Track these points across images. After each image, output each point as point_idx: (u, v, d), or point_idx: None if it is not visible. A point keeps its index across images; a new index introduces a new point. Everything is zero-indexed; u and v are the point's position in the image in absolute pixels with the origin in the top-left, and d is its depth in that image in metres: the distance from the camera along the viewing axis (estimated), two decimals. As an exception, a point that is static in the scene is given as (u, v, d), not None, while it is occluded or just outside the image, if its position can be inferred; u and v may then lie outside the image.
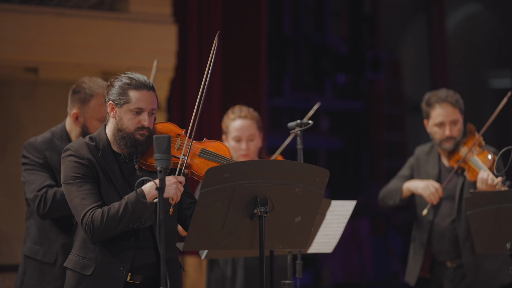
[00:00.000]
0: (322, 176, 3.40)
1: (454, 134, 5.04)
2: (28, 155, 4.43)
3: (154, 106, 3.57)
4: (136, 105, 3.53)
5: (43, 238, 4.42)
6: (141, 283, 3.53)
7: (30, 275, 4.43)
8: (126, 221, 3.40)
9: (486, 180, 4.73)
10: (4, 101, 6.89)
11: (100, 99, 4.46)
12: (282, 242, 3.44)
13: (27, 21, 6.56)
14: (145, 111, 3.54)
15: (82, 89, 4.48)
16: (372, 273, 10.74)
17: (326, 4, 11.22)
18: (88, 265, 3.51)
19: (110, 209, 3.42)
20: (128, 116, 3.54)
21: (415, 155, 5.29)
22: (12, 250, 6.74)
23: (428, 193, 4.99)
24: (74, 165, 3.53)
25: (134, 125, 3.54)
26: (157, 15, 7.12)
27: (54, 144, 4.46)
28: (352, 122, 11.51)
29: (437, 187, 4.99)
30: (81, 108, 4.47)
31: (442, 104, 5.06)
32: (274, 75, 10.44)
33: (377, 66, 11.05)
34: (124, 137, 3.54)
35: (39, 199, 4.32)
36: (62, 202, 4.31)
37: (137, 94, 3.53)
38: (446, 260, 5.06)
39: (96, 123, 4.47)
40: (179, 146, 3.60)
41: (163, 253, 3.17)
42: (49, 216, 4.37)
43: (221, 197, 3.25)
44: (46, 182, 4.36)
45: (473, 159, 4.92)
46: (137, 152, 3.56)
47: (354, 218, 7.74)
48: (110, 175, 3.54)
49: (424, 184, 5.03)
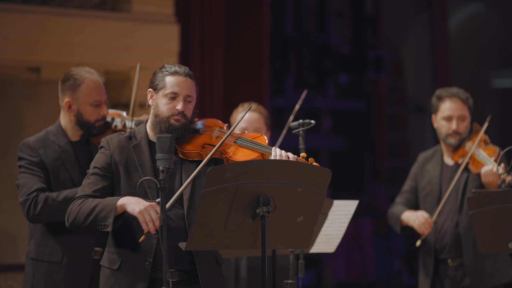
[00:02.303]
0: (324, 176, 3.39)
1: (460, 129, 5.06)
2: (23, 156, 4.43)
3: (190, 92, 3.62)
4: (171, 90, 3.59)
5: (48, 238, 4.42)
6: (181, 281, 3.55)
7: (39, 278, 4.41)
8: (92, 219, 3.45)
9: (491, 170, 4.75)
10: (6, 101, 6.90)
11: (90, 83, 4.46)
12: (284, 242, 3.44)
13: (29, 21, 6.57)
14: (179, 96, 3.60)
15: (70, 76, 4.49)
16: (374, 273, 10.74)
17: (329, 4, 11.22)
18: (115, 260, 3.55)
19: (87, 202, 3.48)
20: (163, 101, 3.60)
21: (418, 161, 5.30)
22: (15, 250, 6.74)
23: (418, 224, 5.03)
24: (98, 155, 3.63)
25: (169, 110, 3.59)
26: (159, 15, 7.12)
27: (48, 142, 4.45)
28: (354, 122, 11.51)
29: (426, 217, 5.02)
30: (72, 94, 4.46)
31: (452, 99, 5.09)
32: (276, 75, 10.45)
33: (379, 66, 11.05)
34: (159, 122, 3.60)
35: (29, 203, 4.32)
36: (53, 208, 4.31)
37: (172, 79, 3.60)
38: (447, 258, 5.07)
39: (90, 108, 4.46)
40: (217, 135, 3.65)
41: (165, 253, 3.18)
42: (39, 220, 4.36)
43: (223, 197, 3.25)
44: (37, 185, 4.35)
45: (478, 153, 4.94)
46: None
47: (356, 218, 7.74)
48: (138, 165, 3.57)
49: (415, 215, 5.06)
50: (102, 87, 4.52)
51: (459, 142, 5.07)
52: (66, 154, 4.45)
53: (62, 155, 4.43)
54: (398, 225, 5.18)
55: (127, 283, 3.52)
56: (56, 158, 4.42)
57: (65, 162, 4.43)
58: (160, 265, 3.50)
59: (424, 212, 5.06)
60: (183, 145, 3.63)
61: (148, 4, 7.10)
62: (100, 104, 4.49)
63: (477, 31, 11.75)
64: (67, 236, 4.40)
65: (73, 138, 4.51)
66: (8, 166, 6.67)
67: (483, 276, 4.98)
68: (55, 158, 4.42)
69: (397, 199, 5.30)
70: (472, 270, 4.98)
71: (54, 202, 4.31)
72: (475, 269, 4.98)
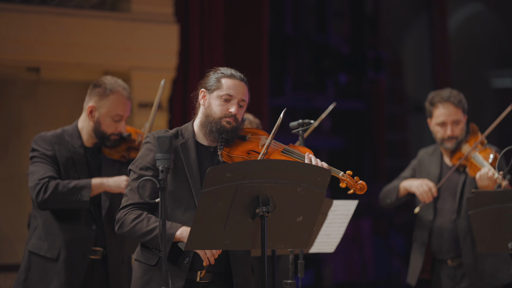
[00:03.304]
0: (324, 175, 3.40)
1: (455, 134, 5.05)
2: (37, 147, 4.45)
3: (244, 97, 3.64)
4: (227, 92, 3.61)
5: (48, 233, 4.44)
6: (212, 283, 3.56)
7: (34, 271, 4.45)
8: (147, 241, 3.48)
9: (486, 173, 4.74)
10: (5, 101, 6.90)
11: (118, 97, 4.49)
12: (284, 242, 3.44)
13: (29, 21, 6.57)
14: (234, 99, 3.61)
15: (103, 83, 4.51)
16: (374, 272, 10.74)
17: (328, 3, 11.22)
18: (153, 256, 3.56)
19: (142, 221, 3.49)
20: (217, 102, 3.62)
21: (418, 157, 5.30)
22: (13, 250, 6.74)
23: (421, 191, 5.01)
24: (145, 152, 3.60)
25: (222, 111, 3.60)
26: (158, 15, 7.12)
27: (64, 140, 4.48)
28: (353, 121, 11.50)
29: (431, 186, 5.00)
30: (98, 102, 4.49)
31: (445, 104, 5.07)
32: (275, 75, 10.44)
33: (379, 65, 11.05)
34: (210, 122, 3.61)
35: (40, 187, 4.34)
36: (62, 195, 4.33)
37: (229, 82, 3.62)
38: (447, 259, 5.07)
39: (110, 120, 4.49)
40: (263, 143, 3.66)
41: (165, 253, 3.18)
42: (46, 205, 4.38)
43: (223, 196, 3.25)
44: (50, 173, 4.39)
45: (475, 156, 4.94)
46: (221, 140, 3.60)
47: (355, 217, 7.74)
48: (184, 164, 3.58)
49: (419, 182, 5.04)
50: (128, 105, 4.56)
51: (455, 146, 5.07)
52: (78, 155, 4.48)
53: (74, 155, 4.47)
54: (394, 194, 5.15)
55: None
56: (68, 157, 4.46)
57: (76, 162, 4.47)
58: (198, 266, 3.53)
59: (428, 181, 5.04)
60: (230, 148, 3.64)
61: (147, 4, 7.10)
62: (121, 119, 4.53)
63: (476, 31, 11.76)
64: (66, 234, 4.43)
65: (86, 143, 4.54)
66: (7, 166, 6.67)
67: (483, 276, 4.98)
68: (68, 156, 4.46)
69: (394, 181, 5.28)
70: (471, 270, 4.98)
71: (65, 188, 4.34)
72: (474, 269, 4.98)
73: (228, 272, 3.58)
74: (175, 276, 3.51)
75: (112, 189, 4.42)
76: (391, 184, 5.25)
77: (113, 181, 4.42)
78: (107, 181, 4.41)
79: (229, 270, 3.57)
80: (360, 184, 3.59)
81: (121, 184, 4.40)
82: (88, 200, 4.36)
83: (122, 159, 4.57)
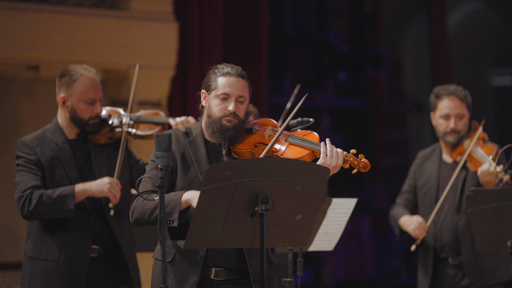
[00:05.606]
0: (323, 174, 3.39)
1: (458, 127, 5.06)
2: (20, 154, 4.44)
3: (242, 93, 3.63)
4: (223, 91, 3.61)
5: (44, 236, 4.42)
6: (227, 280, 3.56)
7: (36, 276, 4.41)
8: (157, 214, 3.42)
9: (487, 169, 4.75)
10: (4, 99, 6.90)
11: (85, 80, 4.46)
12: (283, 240, 3.44)
13: (28, 19, 6.57)
14: (231, 97, 3.61)
15: (67, 72, 4.49)
16: (373, 271, 10.74)
17: (327, 1, 11.21)
18: (169, 252, 3.56)
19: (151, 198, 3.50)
20: (215, 102, 3.62)
21: (417, 159, 5.31)
22: (13, 248, 6.74)
23: (412, 228, 5.05)
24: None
25: (221, 111, 3.61)
26: (158, 13, 7.12)
27: (45, 140, 4.45)
28: (353, 120, 11.50)
29: (420, 222, 5.03)
30: (67, 90, 4.46)
31: (450, 97, 5.09)
32: (275, 73, 10.43)
33: (378, 64, 11.04)
34: (212, 123, 3.62)
35: (23, 200, 4.33)
36: (46, 206, 4.31)
37: (224, 80, 3.62)
38: (448, 257, 5.07)
39: (84, 105, 4.45)
40: (269, 134, 3.66)
41: (164, 251, 3.18)
42: (33, 217, 4.37)
43: (222, 195, 3.25)
44: (32, 182, 4.36)
45: (476, 151, 4.94)
46: (225, 139, 3.62)
47: (355, 216, 7.74)
48: (194, 160, 3.59)
49: (410, 220, 5.08)
50: (97, 85, 4.51)
51: (457, 140, 5.07)
52: (63, 152, 4.44)
53: (59, 153, 4.43)
54: (397, 229, 5.21)
55: (180, 275, 3.53)
56: (53, 156, 4.42)
57: (62, 160, 4.43)
58: (212, 260, 3.53)
59: (419, 217, 5.07)
60: (236, 144, 3.64)
61: (146, 2, 7.10)
62: (95, 102, 4.48)
63: (475, 29, 11.75)
64: (63, 234, 4.41)
65: (70, 136, 4.50)
66: (7, 164, 6.67)
67: (483, 274, 4.99)
68: (52, 156, 4.42)
69: (398, 199, 5.30)
70: (470, 268, 4.98)
71: (49, 199, 4.31)
72: (474, 267, 4.98)
73: (244, 267, 3.56)
74: (190, 271, 3.52)
75: (95, 194, 4.39)
76: (395, 210, 5.25)
77: (96, 186, 4.38)
78: (89, 187, 4.38)
79: (244, 264, 3.56)
80: (363, 162, 3.59)
81: (104, 189, 4.37)
82: (73, 209, 4.33)
83: (109, 140, 4.54)
